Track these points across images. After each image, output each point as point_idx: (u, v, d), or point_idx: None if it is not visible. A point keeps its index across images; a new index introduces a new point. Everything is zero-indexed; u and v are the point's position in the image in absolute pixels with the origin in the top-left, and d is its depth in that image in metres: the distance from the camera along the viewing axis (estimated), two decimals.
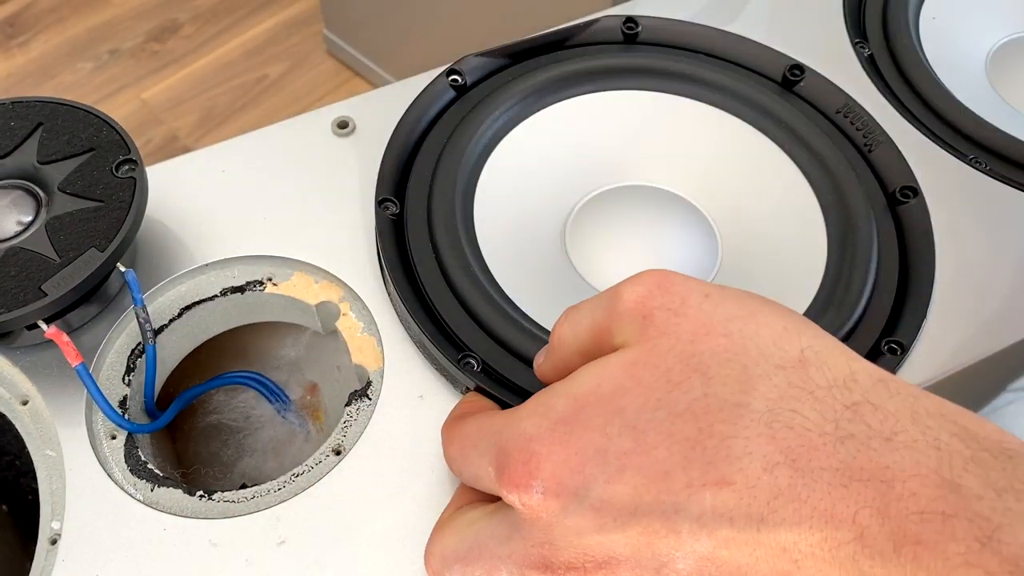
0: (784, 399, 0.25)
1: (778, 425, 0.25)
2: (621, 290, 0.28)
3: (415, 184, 0.41)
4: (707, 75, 0.45)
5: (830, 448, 0.24)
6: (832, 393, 0.25)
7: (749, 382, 0.26)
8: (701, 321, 0.27)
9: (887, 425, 0.25)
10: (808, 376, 0.26)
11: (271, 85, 1.60)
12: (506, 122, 0.43)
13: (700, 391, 0.26)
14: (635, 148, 0.45)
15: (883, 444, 0.24)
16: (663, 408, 0.26)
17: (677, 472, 0.25)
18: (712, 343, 0.26)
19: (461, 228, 0.39)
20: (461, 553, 0.29)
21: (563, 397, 0.27)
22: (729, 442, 0.25)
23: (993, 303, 0.40)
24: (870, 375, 0.26)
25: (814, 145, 0.42)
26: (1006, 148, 0.44)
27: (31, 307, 0.35)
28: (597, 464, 0.26)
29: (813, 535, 0.24)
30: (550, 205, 0.43)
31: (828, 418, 0.25)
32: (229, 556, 0.33)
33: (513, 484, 0.26)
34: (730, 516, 0.24)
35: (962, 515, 0.23)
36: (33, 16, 1.71)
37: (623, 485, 0.25)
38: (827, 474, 0.24)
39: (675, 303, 0.27)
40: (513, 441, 0.27)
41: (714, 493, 0.25)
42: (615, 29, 0.48)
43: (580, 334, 0.29)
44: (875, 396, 0.25)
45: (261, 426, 0.45)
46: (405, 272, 0.39)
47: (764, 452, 0.25)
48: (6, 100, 0.41)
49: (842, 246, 0.40)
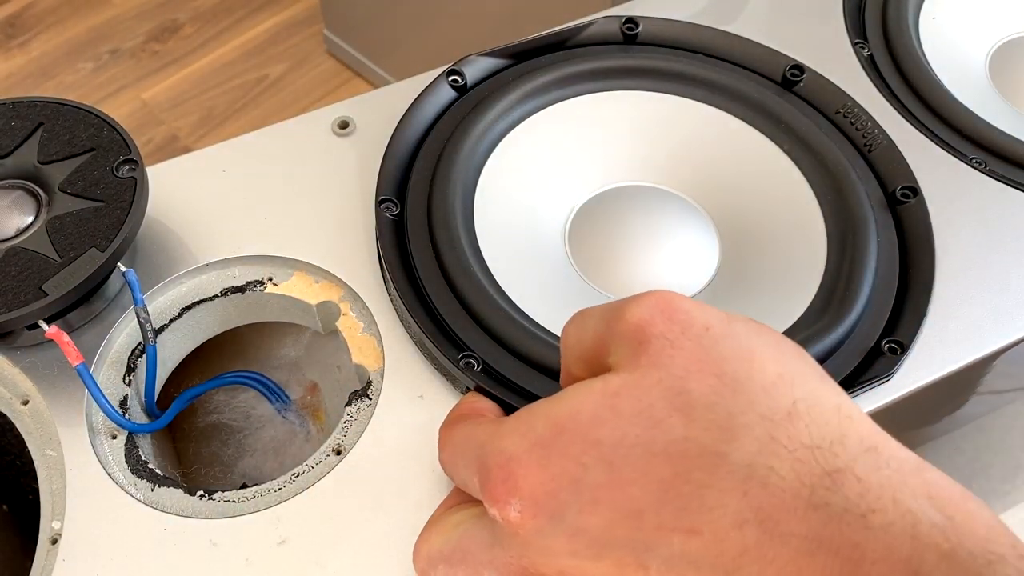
0: (763, 454, 0.25)
1: (752, 482, 0.24)
2: (625, 309, 0.28)
3: (415, 184, 0.41)
4: (707, 75, 0.45)
5: (801, 514, 0.24)
6: (814, 455, 0.24)
7: (732, 431, 0.25)
8: (696, 357, 0.26)
9: (865, 501, 0.24)
10: (793, 432, 0.25)
11: (271, 85, 1.60)
12: (507, 122, 0.43)
13: (680, 433, 0.25)
14: (635, 148, 0.45)
15: (857, 520, 0.23)
16: (640, 446, 0.25)
17: (649, 513, 0.25)
18: (701, 383, 0.26)
19: (461, 228, 0.39)
20: (446, 554, 0.30)
21: (543, 418, 0.27)
22: (703, 491, 0.25)
23: (993, 303, 0.40)
24: (861, 440, 0.25)
25: (814, 145, 0.42)
26: (1006, 148, 0.44)
27: (31, 307, 0.35)
28: (571, 493, 0.26)
29: None
30: (550, 205, 0.43)
31: (804, 482, 0.24)
32: (229, 556, 0.33)
33: (493, 499, 0.27)
34: (697, 564, 0.24)
35: None
36: (33, 16, 1.71)
37: (596, 517, 0.25)
38: (795, 540, 0.24)
39: (674, 333, 0.27)
40: (493, 457, 0.27)
41: (683, 540, 0.24)
42: (615, 29, 0.48)
43: (584, 341, 0.29)
44: (861, 466, 0.24)
45: (261, 426, 0.45)
46: (405, 272, 0.39)
47: (736, 508, 0.24)
48: (6, 100, 0.41)
49: (842, 245, 0.40)
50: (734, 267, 0.42)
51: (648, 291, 0.28)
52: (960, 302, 0.40)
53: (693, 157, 0.44)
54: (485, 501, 0.27)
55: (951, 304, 0.39)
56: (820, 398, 0.26)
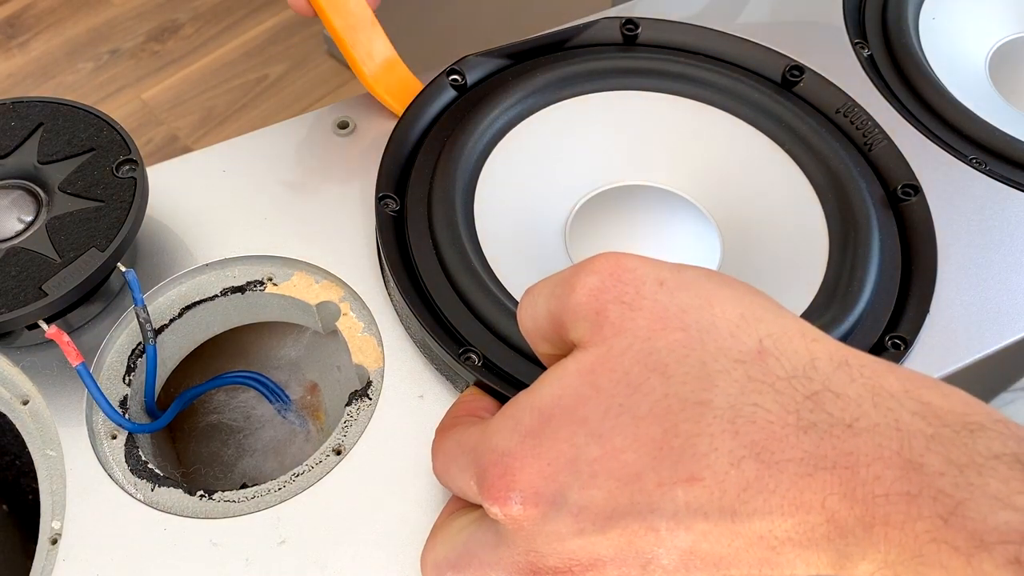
0: (745, 393, 0.25)
1: (741, 420, 0.25)
2: (574, 281, 0.28)
3: (415, 181, 0.41)
4: (707, 76, 0.45)
5: (793, 439, 0.25)
6: (792, 384, 0.25)
7: (709, 379, 0.26)
8: (657, 314, 0.27)
9: (848, 412, 0.25)
10: (767, 368, 0.26)
11: (271, 85, 1.60)
12: (507, 120, 0.43)
13: (661, 392, 0.26)
14: (635, 148, 0.45)
15: (845, 431, 0.25)
16: (626, 413, 0.26)
17: (647, 473, 0.25)
18: (669, 339, 0.26)
19: (462, 224, 0.39)
20: (452, 560, 0.30)
21: (528, 410, 0.27)
22: (694, 440, 0.25)
23: (993, 303, 0.40)
24: (831, 359, 0.26)
25: (814, 144, 0.42)
26: (1006, 148, 0.44)
27: (32, 307, 0.35)
28: (570, 473, 0.26)
29: (786, 522, 0.25)
30: (551, 203, 0.43)
31: (789, 409, 0.25)
32: (229, 556, 0.33)
33: (493, 498, 0.27)
34: (704, 511, 0.25)
35: (926, 493, 0.23)
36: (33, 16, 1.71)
37: (597, 490, 0.26)
38: (792, 465, 0.25)
39: (629, 294, 0.27)
40: (487, 457, 0.27)
41: (685, 490, 0.25)
42: (614, 30, 0.48)
43: (539, 320, 0.29)
44: (836, 383, 0.25)
45: (261, 426, 0.45)
46: (405, 268, 0.39)
47: (729, 447, 0.25)
48: (6, 100, 0.41)
49: (844, 243, 0.40)
50: (735, 266, 0.42)
51: (592, 256, 0.28)
52: (960, 302, 0.40)
53: (694, 156, 0.44)
54: (486, 501, 0.27)
55: (952, 304, 0.40)
56: (784, 329, 0.27)
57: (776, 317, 0.27)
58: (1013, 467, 0.23)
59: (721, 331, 0.26)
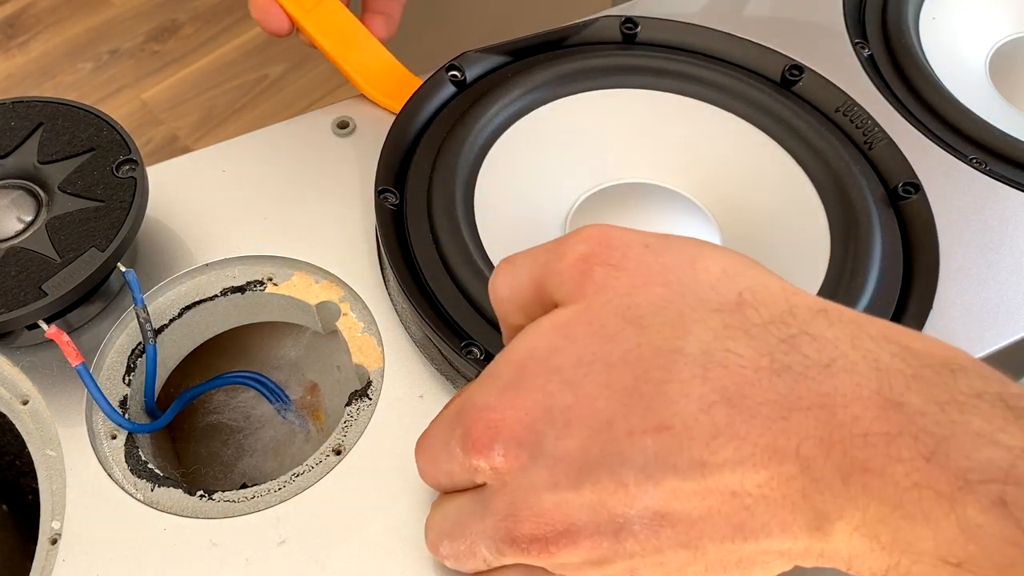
0: (718, 339, 0.25)
1: (712, 365, 0.25)
2: (564, 246, 0.28)
3: (415, 175, 0.41)
4: (706, 75, 0.45)
5: (766, 382, 0.24)
6: (768, 329, 0.25)
7: (684, 327, 0.25)
8: (640, 272, 0.27)
9: (825, 353, 0.24)
10: (744, 316, 0.25)
11: (271, 85, 1.60)
12: (508, 116, 0.43)
13: (634, 341, 0.26)
14: (636, 145, 0.45)
15: (821, 372, 0.24)
16: (598, 360, 0.26)
17: (619, 420, 0.25)
18: (649, 293, 0.26)
19: (462, 218, 0.39)
20: (446, 530, 0.30)
21: (504, 364, 0.28)
22: (664, 387, 0.25)
23: (993, 303, 0.40)
24: (810, 307, 0.25)
25: (814, 142, 0.42)
26: (1006, 148, 0.44)
27: (31, 307, 0.35)
28: (546, 422, 0.26)
29: (758, 474, 0.24)
30: (551, 199, 0.43)
31: (763, 352, 0.24)
32: (229, 556, 0.33)
33: (477, 451, 0.27)
34: (673, 462, 0.24)
35: (906, 433, 0.22)
36: (33, 16, 1.71)
37: (571, 439, 0.25)
38: (765, 408, 0.24)
39: (615, 258, 0.27)
40: (469, 415, 0.27)
41: (655, 439, 0.24)
42: (614, 29, 0.48)
43: (519, 288, 0.29)
44: (813, 327, 0.25)
45: (261, 426, 0.45)
46: (405, 262, 0.39)
47: (699, 393, 0.24)
48: (6, 100, 0.41)
49: (845, 240, 0.39)
50: None
51: (582, 227, 0.28)
52: (960, 302, 0.40)
53: (693, 154, 0.44)
54: (470, 457, 0.27)
55: (952, 303, 0.40)
56: (765, 284, 0.26)
57: (757, 273, 0.27)
58: (995, 405, 0.23)
59: (702, 284, 0.26)
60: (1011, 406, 0.23)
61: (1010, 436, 0.22)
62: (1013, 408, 0.22)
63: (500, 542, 0.27)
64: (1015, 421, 0.22)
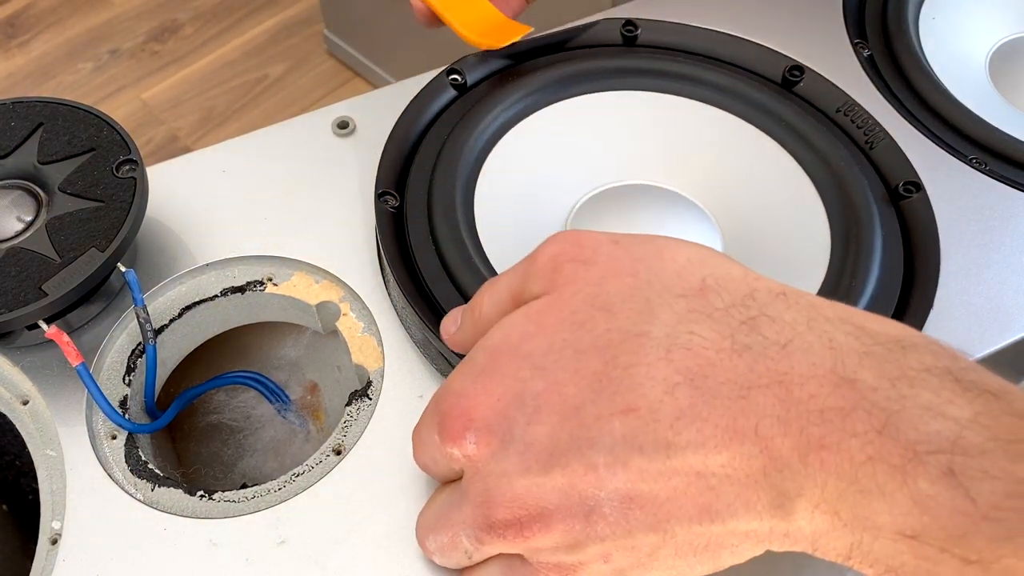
0: (682, 323, 0.26)
1: (676, 348, 0.25)
2: (536, 253, 0.29)
3: (415, 178, 0.41)
4: (707, 76, 0.45)
5: (727, 363, 0.25)
6: (729, 312, 0.26)
7: (651, 312, 0.26)
8: (609, 265, 0.28)
9: (783, 334, 0.25)
10: (707, 301, 0.26)
11: (271, 85, 1.60)
12: (508, 118, 0.43)
13: (603, 327, 0.26)
14: (636, 147, 0.45)
15: (779, 352, 0.25)
16: (568, 347, 0.27)
17: (587, 405, 0.26)
18: (618, 283, 0.27)
19: (462, 221, 0.39)
20: (431, 523, 0.31)
21: (480, 351, 0.28)
22: (632, 370, 0.25)
23: (993, 303, 0.40)
24: (771, 291, 0.26)
25: (814, 142, 0.42)
26: (1006, 148, 0.44)
27: (31, 307, 0.35)
28: (517, 407, 0.27)
29: (720, 454, 0.24)
30: (551, 202, 0.43)
31: (724, 335, 0.25)
32: (229, 556, 0.33)
33: (451, 438, 0.28)
34: (639, 444, 0.25)
35: (860, 407, 0.23)
36: (33, 16, 1.71)
37: (541, 425, 0.26)
38: (726, 388, 0.25)
39: (585, 255, 0.28)
40: (445, 402, 0.28)
41: (622, 421, 0.25)
42: (614, 31, 0.48)
43: (501, 302, 0.30)
44: (772, 309, 0.26)
45: (261, 426, 0.45)
46: (405, 265, 0.39)
47: (664, 375, 0.25)
48: (6, 100, 0.41)
49: (846, 240, 0.39)
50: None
51: (553, 234, 0.30)
52: (961, 301, 0.40)
53: (694, 156, 0.44)
54: (446, 446, 0.28)
55: (952, 303, 0.39)
56: (728, 270, 0.27)
57: (721, 262, 0.28)
58: (944, 379, 0.23)
59: (668, 272, 0.27)
60: (959, 379, 0.23)
61: (957, 408, 0.23)
62: (961, 381, 0.23)
63: (478, 529, 0.28)
64: (962, 393, 0.23)
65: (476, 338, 0.31)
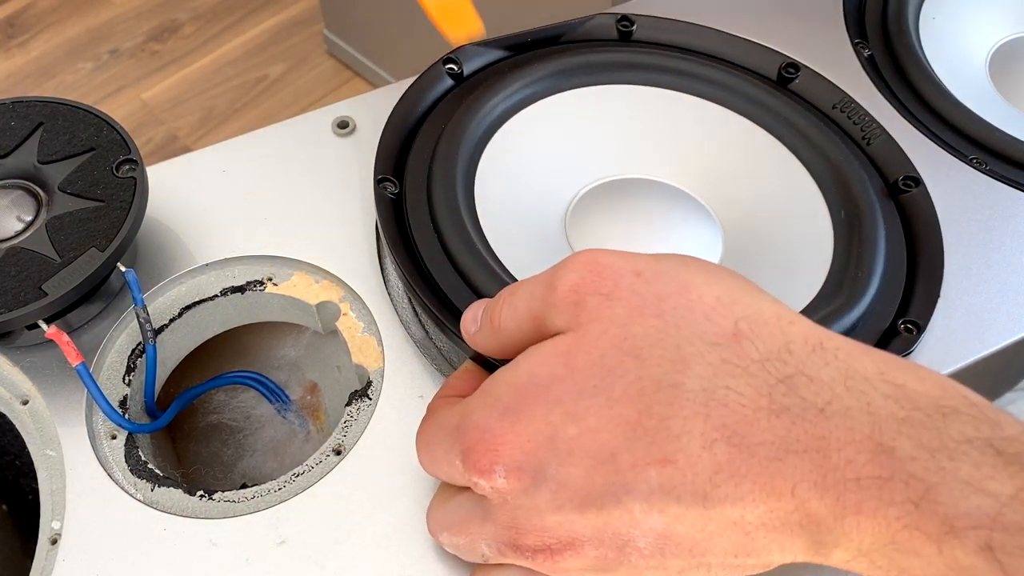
0: (718, 376, 0.26)
1: (713, 403, 0.25)
2: (555, 278, 0.28)
3: (414, 165, 0.41)
4: (703, 72, 0.45)
5: (764, 423, 0.25)
6: (766, 367, 0.26)
7: (683, 361, 0.26)
8: (634, 303, 0.27)
9: (821, 396, 0.25)
10: (742, 351, 0.26)
11: (271, 85, 1.60)
12: (508, 107, 0.43)
13: (635, 374, 0.26)
14: (635, 141, 0.45)
15: (817, 415, 0.25)
16: (601, 394, 0.26)
17: (622, 453, 0.26)
18: (645, 324, 0.27)
19: (463, 206, 0.39)
20: (447, 524, 0.31)
21: (505, 386, 0.28)
22: (668, 422, 0.25)
23: (994, 303, 0.40)
24: (806, 342, 0.26)
25: (812, 136, 0.42)
26: (1006, 148, 0.44)
27: (31, 307, 0.35)
28: (548, 450, 0.26)
29: (757, 508, 0.25)
30: (551, 190, 0.43)
31: (762, 392, 0.25)
32: (229, 556, 0.33)
33: (479, 471, 0.27)
34: (676, 494, 0.25)
35: (897, 478, 0.23)
36: (33, 16, 1.71)
37: (574, 468, 0.26)
38: (763, 448, 0.25)
39: (607, 287, 0.28)
40: (470, 434, 0.28)
41: (658, 471, 0.25)
42: (610, 27, 0.48)
43: (520, 320, 0.30)
44: (810, 366, 0.25)
45: (261, 426, 0.45)
46: (406, 250, 0.38)
47: (701, 430, 0.25)
48: (6, 100, 0.41)
49: (848, 231, 0.39)
50: (738, 257, 0.42)
51: (569, 256, 0.29)
52: (961, 301, 0.40)
53: (691, 150, 0.44)
54: (472, 476, 0.28)
55: (953, 303, 0.39)
56: (760, 312, 0.27)
57: (752, 300, 0.27)
58: (985, 452, 0.23)
59: (696, 315, 0.27)
60: (1000, 452, 0.23)
61: (998, 483, 0.23)
62: (1002, 454, 0.23)
63: (503, 545, 0.28)
64: (1003, 468, 0.23)
65: (495, 346, 0.31)
